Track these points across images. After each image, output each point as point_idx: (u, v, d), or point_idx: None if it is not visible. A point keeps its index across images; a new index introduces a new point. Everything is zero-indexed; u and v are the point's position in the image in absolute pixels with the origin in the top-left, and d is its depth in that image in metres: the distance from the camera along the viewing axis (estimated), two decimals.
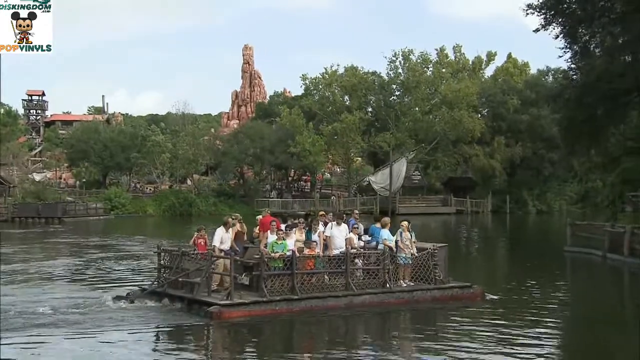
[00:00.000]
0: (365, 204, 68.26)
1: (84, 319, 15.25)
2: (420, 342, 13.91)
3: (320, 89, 74.50)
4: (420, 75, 69.17)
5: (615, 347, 14.19)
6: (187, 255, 16.75)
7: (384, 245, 17.15)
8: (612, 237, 28.65)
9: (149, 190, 74.14)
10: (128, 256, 29.47)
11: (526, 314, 16.78)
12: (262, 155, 69.03)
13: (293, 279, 15.71)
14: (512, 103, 70.13)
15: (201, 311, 15.05)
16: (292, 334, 15.07)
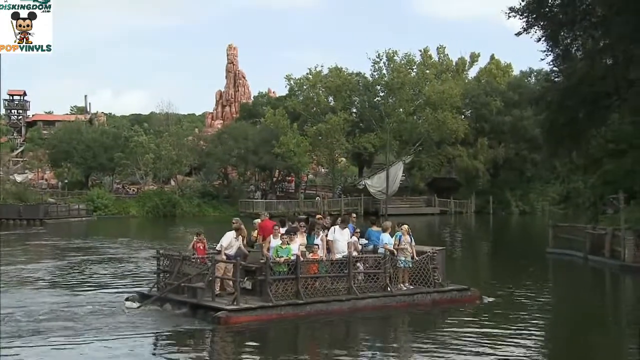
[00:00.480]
0: (350, 204, 68.43)
1: (86, 324, 15.19)
2: (427, 346, 13.97)
3: (304, 89, 74.50)
4: (404, 77, 69.40)
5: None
6: (187, 259, 16.79)
7: (385, 249, 17.33)
8: (593, 239, 29.00)
9: (132, 191, 73.73)
10: (112, 259, 29.30)
11: (525, 316, 17.18)
12: (246, 156, 68.90)
13: (297, 283, 15.84)
14: (495, 104, 70.63)
15: (207, 316, 15.10)
16: (301, 338, 15.29)
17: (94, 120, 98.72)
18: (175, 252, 17.86)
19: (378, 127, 70.76)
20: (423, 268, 17.67)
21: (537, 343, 14.67)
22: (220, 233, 17.74)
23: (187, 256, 16.95)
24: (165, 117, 75.02)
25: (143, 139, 68.09)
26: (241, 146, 68.68)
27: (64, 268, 26.57)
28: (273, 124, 70.80)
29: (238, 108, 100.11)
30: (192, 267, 16.60)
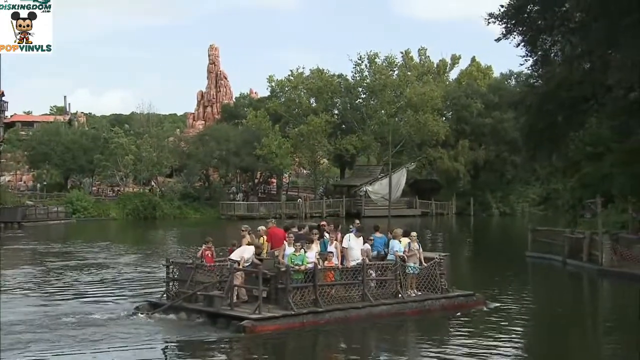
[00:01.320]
0: (332, 206, 68.62)
1: (103, 333, 15.11)
2: (450, 352, 14.24)
3: (286, 91, 74.56)
4: (385, 79, 69.69)
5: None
6: (200, 268, 16.81)
7: (395, 256, 17.50)
8: (572, 243, 29.28)
9: (112, 193, 73.11)
10: (91, 265, 29.01)
11: (532, 321, 17.94)
12: (227, 158, 68.60)
13: (315, 291, 15.95)
14: (476, 106, 71.09)
15: (230, 325, 15.08)
16: (325, 346, 15.50)
17: (74, 121, 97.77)
18: (186, 260, 18.03)
19: (360, 129, 71.04)
20: (431, 274, 17.91)
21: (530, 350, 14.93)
22: (202, 235, 17.68)
23: (200, 264, 16.96)
24: (145, 118, 74.44)
25: (123, 140, 67.51)
26: (223, 148, 68.39)
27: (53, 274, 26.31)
28: (255, 125, 70.73)
29: (220, 108, 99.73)
30: (204, 275, 16.62)
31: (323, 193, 74.78)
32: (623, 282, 24.87)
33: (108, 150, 68.30)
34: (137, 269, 27.93)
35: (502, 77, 77.72)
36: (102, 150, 69.27)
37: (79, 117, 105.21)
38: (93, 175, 76.32)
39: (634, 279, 24.60)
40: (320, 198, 71.82)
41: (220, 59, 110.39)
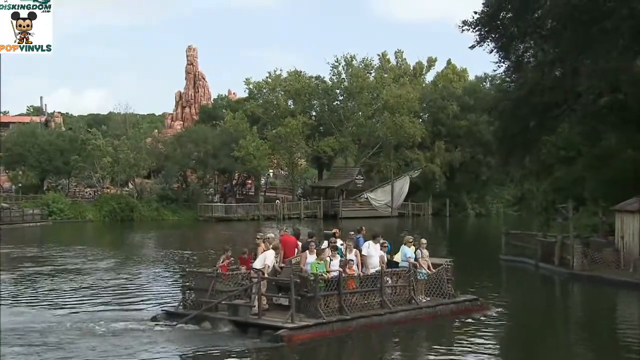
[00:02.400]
0: (310, 207, 68.67)
1: (132, 343, 14.94)
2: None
3: (264, 93, 74.43)
4: (362, 81, 69.82)
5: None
6: (220, 277, 16.76)
7: (409, 263, 17.64)
8: (544, 247, 29.54)
9: (89, 195, 72.36)
10: (66, 271, 28.58)
11: (507, 325, 18.31)
12: (205, 159, 68.29)
13: (340, 299, 16.06)
14: (452, 109, 71.57)
15: (263, 334, 15.02)
16: (362, 352, 15.78)
17: (50, 122, 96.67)
18: (205, 270, 17.94)
19: (337, 131, 71.15)
20: (439, 280, 18.19)
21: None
22: (182, 238, 17.51)
23: (220, 274, 16.92)
24: (122, 119, 73.80)
25: (100, 142, 66.84)
26: (200, 149, 68.08)
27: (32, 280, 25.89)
28: (232, 127, 70.44)
29: (198, 109, 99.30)
30: (223, 284, 16.56)
31: (301, 194, 74.85)
32: (593, 286, 25.09)
33: (85, 152, 67.53)
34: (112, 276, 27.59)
35: (477, 79, 78.34)
36: (79, 151, 68.47)
37: (55, 118, 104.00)
38: (70, 176, 75.46)
39: (604, 282, 24.89)
40: (298, 199, 71.83)
41: (199, 60, 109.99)
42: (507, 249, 32.79)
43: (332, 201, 69.53)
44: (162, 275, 28.09)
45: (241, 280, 16.86)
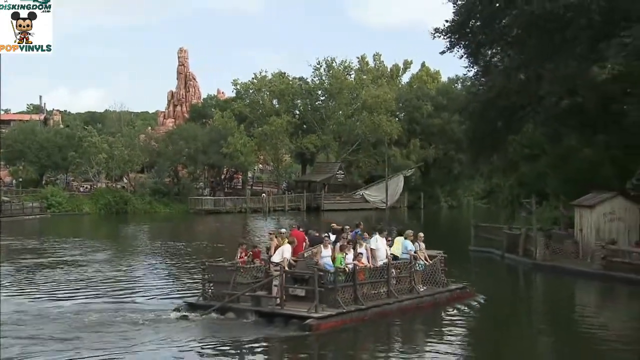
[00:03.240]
0: (294, 200, 68.71)
1: (157, 334, 14.74)
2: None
3: (250, 93, 74.35)
4: (342, 82, 69.88)
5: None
6: (240, 269, 16.72)
7: (410, 255, 18.00)
8: (509, 239, 29.77)
9: (85, 189, 71.85)
10: (63, 262, 28.31)
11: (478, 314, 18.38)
12: (195, 156, 68.16)
13: (355, 290, 16.27)
14: (426, 108, 71.83)
15: (290, 324, 15.07)
16: (382, 337, 15.96)
17: (49, 120, 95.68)
18: (224, 264, 17.92)
19: (319, 129, 71.26)
20: (434, 270, 18.64)
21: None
22: (172, 230, 17.35)
23: (240, 267, 16.88)
24: (117, 118, 73.28)
25: (96, 139, 66.38)
26: (191, 146, 67.92)
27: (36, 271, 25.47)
28: (221, 125, 70.31)
29: (189, 107, 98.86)
30: (242, 277, 16.57)
31: (286, 188, 74.88)
32: (555, 275, 25.37)
33: (82, 149, 67.04)
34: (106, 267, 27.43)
35: (450, 81, 78.62)
36: (76, 148, 67.96)
37: (54, 116, 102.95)
38: (67, 172, 74.88)
39: (564, 272, 25.20)
40: (283, 193, 71.85)
41: (189, 61, 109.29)
42: (475, 240, 33.01)
43: (315, 194, 69.61)
44: (162, 267, 27.78)
45: (256, 273, 16.83)
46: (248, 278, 16.63)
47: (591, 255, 25.11)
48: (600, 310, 20.41)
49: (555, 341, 16.12)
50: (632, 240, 24.98)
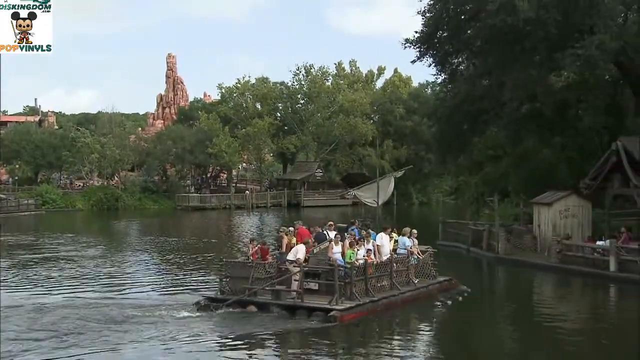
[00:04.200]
0: (275, 197, 68.50)
1: (185, 328, 14.39)
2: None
3: (234, 97, 73.98)
4: (320, 87, 69.81)
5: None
6: (258, 265, 16.57)
7: (407, 250, 18.28)
8: (474, 234, 29.95)
9: (78, 187, 71.01)
10: (56, 258, 27.82)
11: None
12: (183, 155, 67.73)
13: (367, 283, 16.45)
14: (399, 111, 71.93)
15: (313, 316, 15.08)
16: (397, 326, 16.15)
17: (44, 121, 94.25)
18: (240, 259, 17.83)
19: (299, 130, 71.19)
20: (426, 264, 19.07)
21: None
22: (161, 225, 17.06)
23: (259, 263, 16.66)
24: (109, 120, 72.41)
25: (89, 140, 65.64)
26: (178, 146, 67.45)
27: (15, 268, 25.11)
28: (207, 127, 69.91)
29: (177, 109, 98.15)
30: (257, 271, 16.47)
31: (268, 186, 74.66)
32: (515, 268, 25.61)
33: (75, 149, 66.23)
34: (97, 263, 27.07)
35: (420, 86, 78.74)
36: (69, 148, 67.12)
37: (49, 117, 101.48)
38: (61, 170, 73.95)
39: (524, 265, 25.44)
40: (265, 190, 71.58)
41: (178, 66, 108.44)
42: (443, 235, 33.13)
43: (295, 192, 69.45)
44: (170, 263, 27.17)
45: (268, 268, 16.75)
46: (262, 273, 16.61)
47: (548, 249, 25.38)
48: (557, 301, 20.64)
49: (516, 329, 16.37)
50: (585, 235, 25.30)
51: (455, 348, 14.44)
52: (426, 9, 29.18)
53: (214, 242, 35.74)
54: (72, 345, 13.21)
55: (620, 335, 15.49)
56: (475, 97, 30.72)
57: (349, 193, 70.01)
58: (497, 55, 27.15)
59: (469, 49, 30.13)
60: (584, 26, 25.01)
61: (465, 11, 28.16)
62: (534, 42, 25.06)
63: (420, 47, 29.89)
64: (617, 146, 22.68)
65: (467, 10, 27.99)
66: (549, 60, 25.55)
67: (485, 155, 38.54)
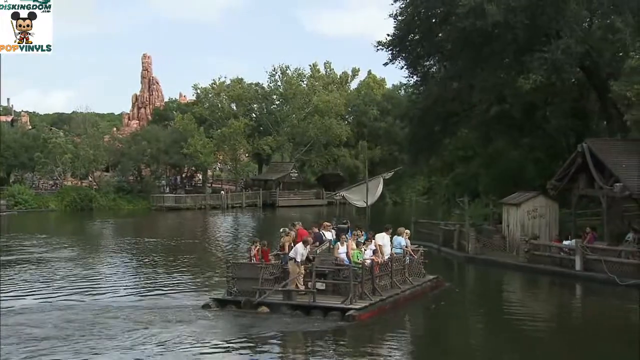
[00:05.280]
0: (251, 197, 68.08)
1: (197, 329, 14.14)
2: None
3: (210, 97, 73.34)
4: (296, 88, 69.57)
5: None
6: (267, 266, 16.42)
7: (404, 250, 18.62)
8: (445, 234, 30.08)
9: (52, 187, 69.62)
10: (29, 260, 26.95)
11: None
12: (157, 156, 66.80)
13: (373, 282, 16.57)
14: (372, 113, 72.07)
15: (331, 315, 15.02)
16: (412, 323, 16.66)
17: (17, 121, 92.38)
18: (247, 262, 17.45)
19: (274, 131, 70.87)
20: (417, 263, 19.42)
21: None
22: (135, 225, 16.75)
23: (267, 264, 16.50)
24: (82, 120, 71.15)
25: (61, 140, 64.40)
26: (153, 147, 66.55)
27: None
28: (182, 127, 69.14)
29: (152, 110, 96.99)
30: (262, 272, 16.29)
31: (243, 186, 74.17)
32: (485, 267, 25.76)
33: (47, 149, 64.93)
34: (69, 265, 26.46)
35: (394, 88, 78.86)
36: (42, 148, 65.77)
37: (22, 117, 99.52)
38: (34, 170, 72.43)
39: (493, 264, 25.61)
40: (240, 190, 71.13)
41: (153, 66, 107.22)
42: (415, 235, 33.15)
43: (271, 192, 69.10)
44: (184, 264, 26.63)
45: (272, 269, 16.58)
46: (267, 274, 16.46)
47: (517, 249, 25.61)
48: (526, 299, 20.89)
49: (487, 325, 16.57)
50: (553, 235, 25.57)
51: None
52: (398, 12, 29.25)
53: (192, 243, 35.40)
54: (83, 348, 13.01)
55: (586, 331, 15.81)
56: (446, 99, 30.91)
57: (337, 194, 69.87)
58: (467, 58, 27.32)
59: (440, 51, 30.28)
60: (551, 30, 25.29)
61: (436, 14, 28.28)
62: (502, 46, 25.27)
63: (392, 49, 29.94)
64: (582, 148, 22.97)
65: (437, 13, 28.11)
66: (517, 63, 25.80)
67: (456, 155, 38.79)
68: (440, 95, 30.99)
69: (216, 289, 18.47)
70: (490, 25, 24.22)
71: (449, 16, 26.53)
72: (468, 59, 27.22)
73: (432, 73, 32.08)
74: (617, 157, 22.49)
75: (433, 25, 28.77)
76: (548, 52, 23.72)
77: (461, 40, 26.40)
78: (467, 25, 24.53)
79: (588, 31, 25.61)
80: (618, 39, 23.51)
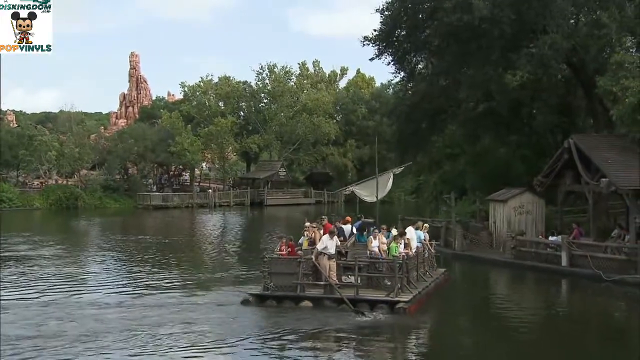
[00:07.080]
0: (239, 196, 67.62)
1: (250, 326, 14.05)
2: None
3: (197, 95, 72.80)
4: (284, 86, 69.20)
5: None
6: (305, 260, 16.36)
7: (423, 243, 19.01)
8: (432, 231, 29.61)
9: (37, 185, 68.74)
10: (13, 258, 26.26)
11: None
12: (144, 154, 66.21)
13: (409, 275, 16.82)
14: (361, 111, 71.92)
15: (379, 308, 15.13)
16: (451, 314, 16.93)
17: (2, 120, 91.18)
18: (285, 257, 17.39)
19: (262, 129, 70.45)
20: (431, 256, 19.93)
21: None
22: (122, 224, 16.41)
23: (305, 259, 16.39)
24: (68, 118, 70.37)
25: (46, 138, 63.60)
26: (140, 145, 65.91)
27: None
28: (169, 125, 68.58)
29: (140, 108, 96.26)
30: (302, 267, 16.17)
31: (231, 185, 73.67)
32: (471, 264, 25.62)
33: (32, 147, 64.09)
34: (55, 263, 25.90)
35: (382, 86, 78.81)
36: (27, 146, 64.90)
37: (8, 115, 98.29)
38: (18, 169, 71.51)
39: (480, 261, 25.47)
40: (228, 189, 70.61)
41: (141, 65, 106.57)
42: None
43: (259, 190, 68.69)
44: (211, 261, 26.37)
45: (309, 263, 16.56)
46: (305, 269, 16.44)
47: (503, 245, 25.49)
48: (513, 295, 20.79)
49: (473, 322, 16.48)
50: (539, 231, 25.44)
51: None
52: (384, 7, 28.96)
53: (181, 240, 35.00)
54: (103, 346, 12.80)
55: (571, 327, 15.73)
56: (434, 96, 30.69)
57: (347, 190, 69.43)
58: (454, 54, 27.11)
59: (427, 47, 30.05)
60: (537, 26, 25.13)
61: (423, 9, 28.05)
62: (489, 41, 25.09)
63: (379, 45, 29.65)
64: (569, 143, 22.85)
65: (424, 8, 27.88)
66: (504, 59, 25.62)
67: (443, 153, 38.59)
68: (427, 92, 30.77)
69: (248, 285, 18.24)
70: (477, 20, 24.03)
71: (436, 11, 26.31)
72: (455, 55, 27.01)
73: (419, 69, 31.85)
74: (603, 152, 22.37)
75: (420, 21, 28.53)
76: (535, 48, 23.56)
77: (448, 35, 26.20)
78: (454, 20, 24.33)
79: (574, 27, 25.48)
80: (604, 34, 23.38)
